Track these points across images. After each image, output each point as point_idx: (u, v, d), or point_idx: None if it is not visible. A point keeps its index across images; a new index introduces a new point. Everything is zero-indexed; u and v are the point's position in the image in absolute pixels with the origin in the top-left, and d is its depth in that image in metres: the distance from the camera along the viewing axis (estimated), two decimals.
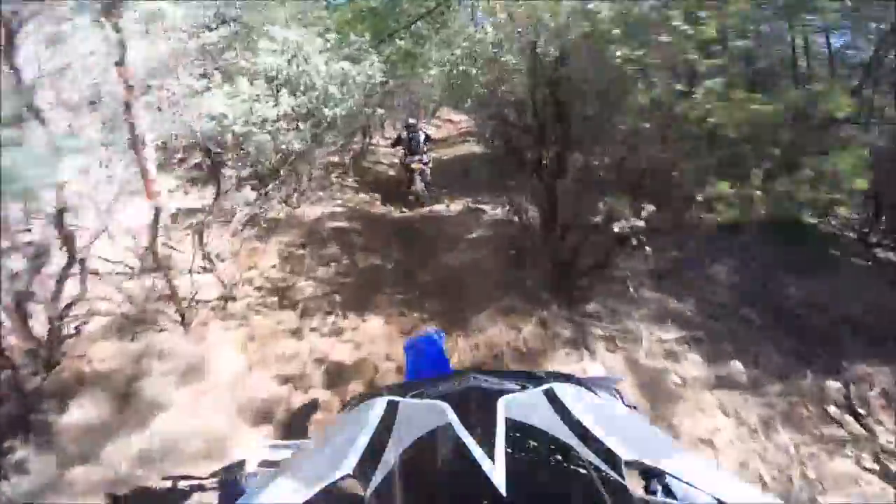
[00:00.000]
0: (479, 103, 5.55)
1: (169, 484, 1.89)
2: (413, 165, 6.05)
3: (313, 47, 4.48)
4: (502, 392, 0.58)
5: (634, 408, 0.78)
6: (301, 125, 4.43)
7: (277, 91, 4.09)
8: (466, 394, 0.62)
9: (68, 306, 2.55)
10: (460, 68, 5.90)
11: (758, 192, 2.32)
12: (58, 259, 2.38)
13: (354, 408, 0.69)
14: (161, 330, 2.94)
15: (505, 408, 0.53)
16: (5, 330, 2.29)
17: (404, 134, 6.27)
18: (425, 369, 1.40)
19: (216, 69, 3.83)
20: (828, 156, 2.31)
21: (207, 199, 4.05)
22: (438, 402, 0.57)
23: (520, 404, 0.56)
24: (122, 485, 2.09)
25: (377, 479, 0.49)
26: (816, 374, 3.00)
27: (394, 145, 6.72)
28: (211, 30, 3.87)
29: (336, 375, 2.88)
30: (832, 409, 2.79)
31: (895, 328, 3.30)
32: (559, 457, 0.49)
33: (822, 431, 2.66)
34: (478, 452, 0.46)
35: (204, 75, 3.53)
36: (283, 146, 4.23)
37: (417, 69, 8.33)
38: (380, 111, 6.65)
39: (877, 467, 2.45)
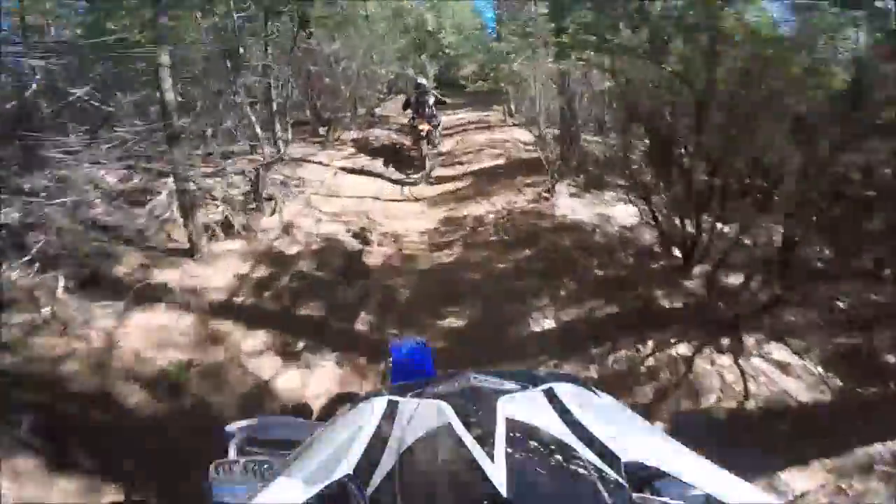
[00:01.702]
0: None
1: None
2: (420, 127, 5.98)
3: None
4: (502, 392, 0.57)
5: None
6: None
7: None
8: (466, 394, 0.59)
9: None
10: None
11: None
12: None
13: (354, 407, 0.67)
14: None
15: (505, 408, 0.52)
16: None
17: (413, 97, 6.28)
18: (412, 375, 1.23)
19: None
20: None
21: None
22: (438, 401, 0.55)
23: (520, 404, 0.55)
24: None
25: (377, 479, 0.47)
26: None
27: (404, 108, 6.64)
28: None
29: None
30: None
31: None
32: (559, 457, 0.47)
33: None
34: (478, 452, 0.45)
35: None
36: None
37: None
38: None
39: None
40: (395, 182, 5.91)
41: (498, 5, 17.70)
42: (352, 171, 6.00)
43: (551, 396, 0.58)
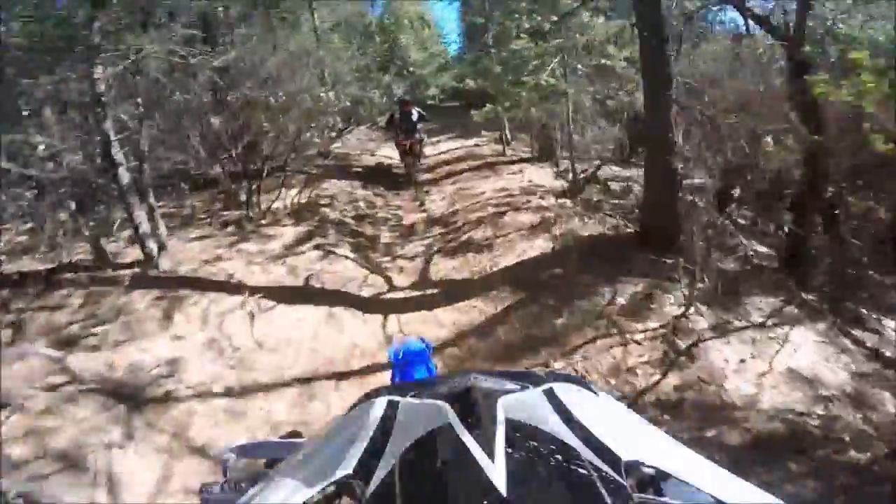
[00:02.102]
0: None
1: None
2: (404, 142, 5.69)
3: None
4: (502, 392, 0.57)
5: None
6: None
7: None
8: (466, 394, 0.58)
9: None
10: None
11: None
12: None
13: (354, 408, 0.69)
14: None
15: (505, 408, 0.52)
16: None
17: (397, 113, 5.72)
18: (412, 377, 1.40)
19: None
20: None
21: None
22: (438, 402, 0.55)
23: (520, 404, 0.55)
24: None
25: (377, 479, 0.47)
26: None
27: (387, 126, 6.12)
28: None
29: None
30: None
31: None
32: (559, 457, 0.47)
33: None
34: (478, 452, 0.45)
35: None
36: None
37: None
38: None
39: None
40: (364, 319, 3.15)
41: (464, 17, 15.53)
42: (287, 293, 3.20)
43: (551, 396, 0.57)
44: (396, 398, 0.61)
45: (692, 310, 2.81)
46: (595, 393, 0.67)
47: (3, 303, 3.00)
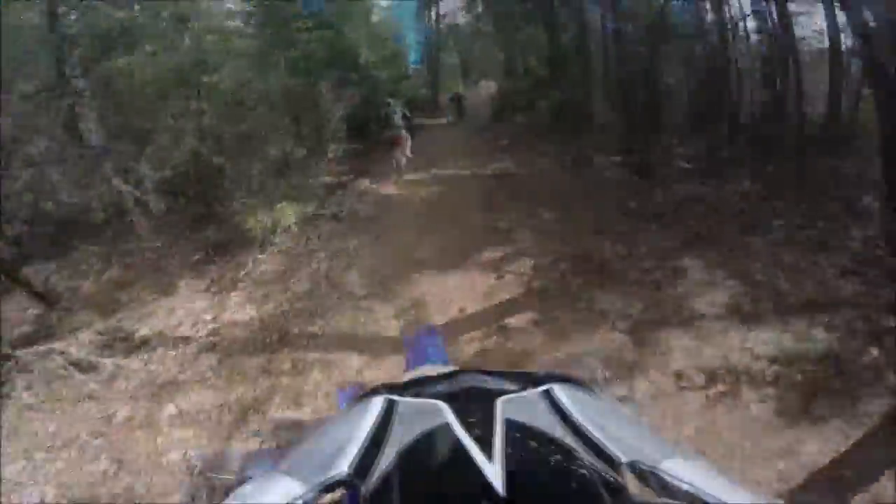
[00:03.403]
0: None
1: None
2: (394, 135, 6.86)
3: None
4: (501, 392, 0.58)
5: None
6: None
7: None
8: (465, 394, 0.61)
9: None
10: None
11: None
12: None
13: (352, 406, 0.67)
14: None
15: (503, 408, 0.53)
16: None
17: (384, 113, 7.04)
18: (425, 361, 1.42)
19: None
20: None
21: None
22: (437, 401, 0.56)
23: (519, 404, 0.56)
24: None
25: (375, 478, 0.47)
26: None
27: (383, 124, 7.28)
28: None
29: None
30: None
31: None
32: (558, 457, 0.47)
33: None
34: (476, 452, 0.46)
35: None
36: None
37: None
38: None
39: None
40: None
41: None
42: None
43: (550, 397, 0.57)
44: (394, 397, 0.59)
45: None
46: (594, 394, 0.64)
47: None
